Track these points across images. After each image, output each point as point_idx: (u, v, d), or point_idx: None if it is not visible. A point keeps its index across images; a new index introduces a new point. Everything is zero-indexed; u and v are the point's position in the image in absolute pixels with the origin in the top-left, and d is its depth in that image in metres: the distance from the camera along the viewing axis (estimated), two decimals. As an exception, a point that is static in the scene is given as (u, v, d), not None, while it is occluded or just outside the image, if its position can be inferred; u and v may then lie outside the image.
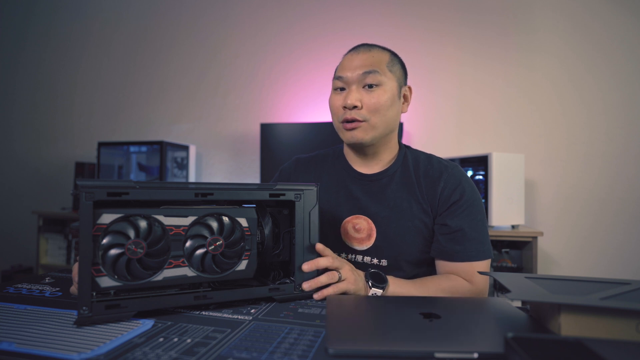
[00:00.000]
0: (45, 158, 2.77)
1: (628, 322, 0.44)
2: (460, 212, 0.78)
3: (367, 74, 0.78)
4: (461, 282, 0.75)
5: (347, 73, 0.80)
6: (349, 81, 0.80)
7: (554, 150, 2.02)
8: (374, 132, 0.80)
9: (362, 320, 0.53)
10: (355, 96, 0.78)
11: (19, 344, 0.44)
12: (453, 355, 0.42)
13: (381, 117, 0.79)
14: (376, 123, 0.79)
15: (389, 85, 0.79)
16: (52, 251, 2.38)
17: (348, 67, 0.80)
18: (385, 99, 0.78)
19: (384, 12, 2.25)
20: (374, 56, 0.80)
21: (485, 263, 0.77)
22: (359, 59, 0.80)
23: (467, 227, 0.77)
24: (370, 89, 0.79)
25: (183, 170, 2.37)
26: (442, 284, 0.74)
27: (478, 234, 0.77)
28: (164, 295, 0.56)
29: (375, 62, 0.79)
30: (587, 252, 1.98)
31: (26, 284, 0.72)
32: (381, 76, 0.78)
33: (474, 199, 0.80)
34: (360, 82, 0.79)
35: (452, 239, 0.77)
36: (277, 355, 0.43)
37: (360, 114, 0.78)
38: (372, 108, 0.78)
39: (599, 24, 1.99)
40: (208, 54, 2.51)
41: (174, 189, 0.56)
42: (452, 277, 0.76)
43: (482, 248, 0.77)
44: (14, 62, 2.86)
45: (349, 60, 0.81)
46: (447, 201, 0.79)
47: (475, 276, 0.76)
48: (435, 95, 2.17)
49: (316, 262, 0.65)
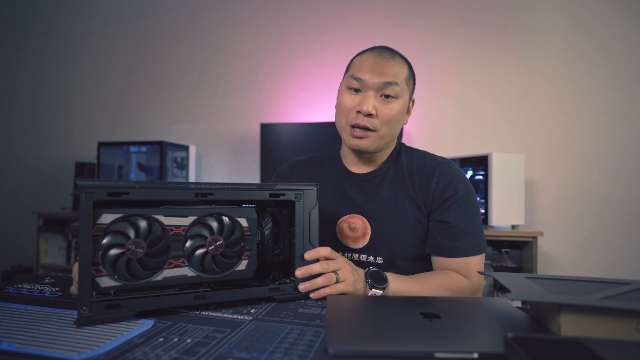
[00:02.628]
0: (45, 158, 2.77)
1: (628, 322, 0.44)
2: (455, 207, 0.78)
3: (388, 84, 0.77)
4: (459, 277, 0.76)
5: (366, 76, 0.77)
6: (367, 85, 0.77)
7: (554, 150, 2.02)
8: (380, 142, 0.80)
9: (362, 320, 0.53)
10: (373, 104, 0.77)
11: (19, 344, 0.44)
12: (453, 355, 0.42)
13: (390, 129, 0.80)
14: (385, 134, 0.79)
15: (403, 98, 0.80)
16: (52, 251, 2.38)
17: (369, 70, 0.77)
18: (397, 112, 0.79)
19: (384, 12, 2.25)
20: (396, 65, 0.78)
21: (481, 258, 0.78)
22: (382, 65, 0.77)
23: (462, 222, 0.77)
24: (386, 99, 0.78)
25: (183, 170, 2.37)
26: (440, 280, 0.74)
27: (473, 228, 0.78)
28: (164, 295, 0.56)
29: (397, 72, 0.78)
30: (587, 252, 1.98)
31: (26, 284, 0.72)
32: (399, 89, 0.78)
33: (468, 194, 0.80)
34: (379, 90, 0.77)
35: (447, 235, 0.77)
36: (277, 355, 0.43)
37: (372, 123, 0.77)
38: (386, 119, 0.78)
39: (599, 23, 1.99)
40: (208, 54, 2.51)
41: (174, 189, 0.56)
42: (449, 273, 0.76)
43: (477, 243, 0.78)
44: (14, 62, 2.86)
45: (370, 63, 0.78)
46: (441, 197, 0.79)
47: (472, 271, 0.76)
48: (435, 95, 2.17)
49: (309, 269, 0.65)
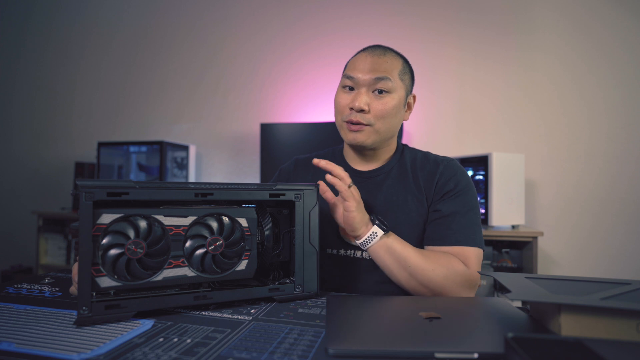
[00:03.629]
0: (45, 158, 2.77)
1: (628, 322, 0.44)
2: (452, 199, 0.79)
3: (379, 79, 0.78)
4: (457, 260, 0.73)
5: (358, 74, 0.79)
6: (359, 83, 0.79)
7: (555, 150, 2.02)
8: (377, 136, 0.81)
9: (362, 320, 0.53)
10: (364, 100, 0.78)
11: (19, 344, 0.44)
12: (453, 356, 0.42)
13: (386, 123, 0.80)
14: (380, 128, 0.80)
15: (397, 93, 0.80)
16: (52, 251, 2.38)
17: (360, 68, 0.79)
18: (392, 107, 0.79)
19: (384, 12, 2.25)
20: (387, 61, 0.79)
21: (475, 251, 0.76)
22: (373, 62, 0.79)
23: (457, 213, 0.77)
24: (379, 94, 0.79)
25: (183, 170, 2.37)
26: (440, 258, 0.72)
27: (468, 221, 0.77)
28: (164, 295, 0.56)
29: (388, 68, 0.79)
30: (587, 252, 1.97)
31: (26, 284, 0.72)
32: (392, 83, 0.79)
33: (468, 189, 0.80)
34: (371, 86, 0.79)
35: (441, 224, 0.77)
36: (277, 356, 0.43)
37: (365, 118, 0.78)
38: (379, 114, 0.79)
39: (599, 23, 1.99)
40: (208, 54, 2.51)
41: (174, 189, 0.56)
42: (449, 255, 0.74)
43: (471, 235, 0.76)
44: (14, 62, 2.86)
45: (362, 61, 0.80)
46: (442, 190, 0.80)
47: (470, 261, 0.74)
48: (435, 95, 2.17)
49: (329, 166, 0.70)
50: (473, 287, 0.74)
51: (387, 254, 0.70)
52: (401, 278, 0.71)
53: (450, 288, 0.70)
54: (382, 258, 0.71)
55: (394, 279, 0.72)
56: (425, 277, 0.69)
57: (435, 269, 0.70)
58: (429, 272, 0.69)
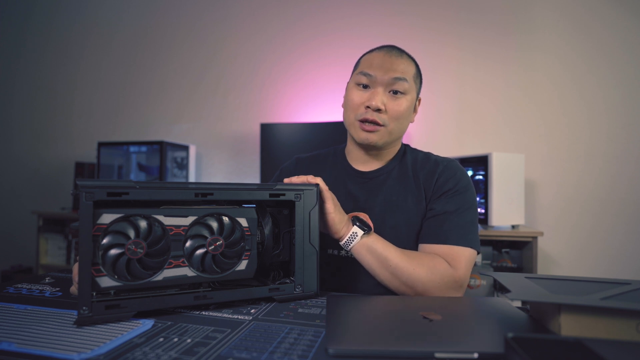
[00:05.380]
0: (45, 158, 2.77)
1: (628, 322, 0.44)
2: (449, 199, 0.78)
3: (397, 80, 0.78)
4: (442, 261, 0.72)
5: (376, 72, 0.79)
6: (377, 81, 0.79)
7: (555, 150, 2.02)
8: (388, 137, 0.81)
9: (362, 320, 0.53)
10: (382, 99, 0.78)
11: (19, 344, 0.44)
12: (453, 356, 0.42)
13: (398, 124, 0.81)
14: (393, 130, 0.80)
15: (411, 95, 0.81)
16: (52, 251, 2.38)
17: (379, 66, 0.79)
18: (406, 108, 0.80)
19: (384, 12, 2.25)
20: (404, 63, 0.80)
21: (468, 251, 0.74)
22: (391, 61, 0.79)
23: (451, 212, 0.76)
24: (395, 95, 0.79)
25: (183, 170, 2.37)
26: (423, 258, 0.71)
27: (463, 221, 0.76)
28: (164, 295, 0.56)
29: (405, 69, 0.79)
30: (587, 252, 1.97)
31: (26, 284, 0.72)
32: (408, 85, 0.79)
33: (466, 190, 0.80)
34: (388, 86, 0.79)
35: (434, 222, 0.77)
36: (277, 355, 0.43)
37: (381, 118, 0.79)
38: (394, 115, 0.79)
39: (599, 23, 1.99)
40: (208, 54, 2.51)
41: (174, 189, 0.56)
42: (435, 256, 0.73)
43: (465, 235, 0.75)
44: (14, 62, 2.86)
45: (380, 60, 0.80)
46: (440, 189, 0.80)
47: (457, 262, 0.72)
48: (435, 95, 2.17)
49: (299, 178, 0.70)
50: (458, 288, 0.72)
51: (368, 254, 0.70)
52: (384, 278, 0.71)
53: (432, 288, 0.69)
54: (364, 258, 0.71)
55: (378, 278, 0.72)
56: (407, 276, 0.69)
57: (416, 269, 0.69)
58: (411, 272, 0.69)
